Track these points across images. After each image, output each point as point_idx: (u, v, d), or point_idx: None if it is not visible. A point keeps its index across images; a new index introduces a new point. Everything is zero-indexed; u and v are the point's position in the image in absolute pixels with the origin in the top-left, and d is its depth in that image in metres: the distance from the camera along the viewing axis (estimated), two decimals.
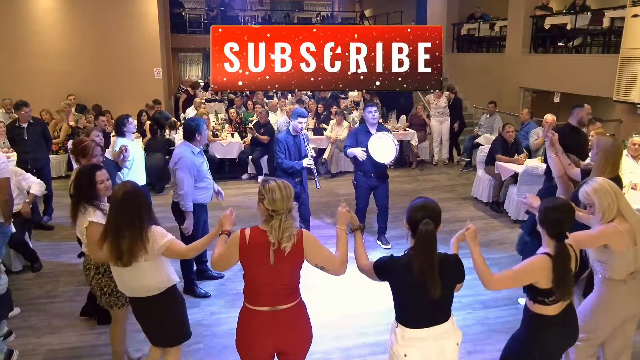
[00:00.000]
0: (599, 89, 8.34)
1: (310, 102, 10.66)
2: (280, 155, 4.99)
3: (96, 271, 3.10)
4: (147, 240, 2.63)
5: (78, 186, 3.05)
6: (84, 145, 3.79)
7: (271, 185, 2.33)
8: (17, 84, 9.98)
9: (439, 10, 13.73)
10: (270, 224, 2.30)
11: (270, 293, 2.35)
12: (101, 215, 2.95)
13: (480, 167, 7.34)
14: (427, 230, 2.20)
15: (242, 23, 18.26)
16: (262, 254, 2.30)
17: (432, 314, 2.30)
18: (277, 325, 2.36)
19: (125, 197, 2.64)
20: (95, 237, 2.81)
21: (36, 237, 5.59)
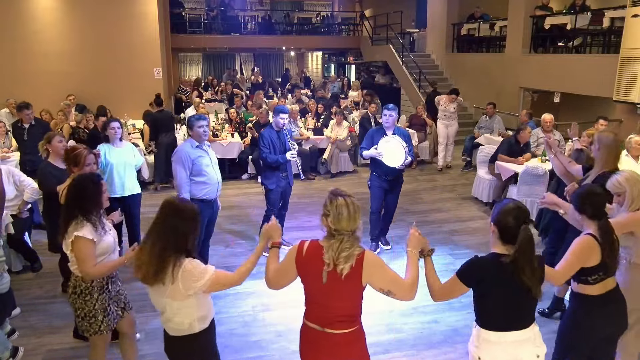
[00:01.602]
0: (599, 89, 8.34)
1: (310, 102, 10.67)
2: (265, 150, 5.09)
3: (73, 290, 2.80)
4: (170, 273, 2.23)
5: (77, 197, 2.74)
6: (76, 153, 3.62)
7: (339, 202, 2.14)
8: (17, 83, 9.98)
9: (439, 10, 13.73)
10: (329, 243, 2.13)
11: (320, 312, 2.20)
12: (90, 230, 2.69)
13: (480, 167, 7.34)
14: (528, 236, 2.16)
15: (242, 23, 18.27)
16: (315, 270, 2.14)
17: (510, 317, 2.25)
18: (325, 347, 2.20)
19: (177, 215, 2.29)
20: (84, 252, 2.64)
21: (36, 237, 5.58)
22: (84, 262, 2.67)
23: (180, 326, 2.33)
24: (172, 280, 2.22)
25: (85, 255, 2.67)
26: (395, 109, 5.23)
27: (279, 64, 25.75)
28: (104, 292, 2.83)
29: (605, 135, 3.54)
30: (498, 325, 2.26)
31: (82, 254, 2.66)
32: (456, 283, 2.28)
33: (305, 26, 20.31)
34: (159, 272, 2.21)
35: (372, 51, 15.81)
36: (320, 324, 2.20)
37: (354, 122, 10.01)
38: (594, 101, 9.22)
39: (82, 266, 2.68)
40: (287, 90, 15.48)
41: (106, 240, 2.78)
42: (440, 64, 13.91)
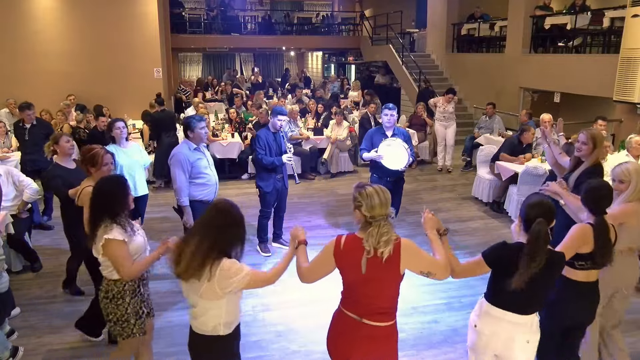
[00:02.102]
0: (599, 89, 8.34)
1: (310, 102, 10.67)
2: (260, 152, 5.04)
3: (105, 295, 2.75)
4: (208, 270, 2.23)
5: (103, 199, 2.68)
6: (93, 153, 3.42)
7: (369, 191, 2.26)
8: (17, 83, 9.98)
9: (439, 10, 13.74)
10: (367, 231, 2.22)
11: (358, 302, 2.28)
12: (120, 231, 2.65)
13: (480, 167, 7.34)
14: (540, 230, 2.28)
15: (242, 23, 18.26)
16: (354, 261, 2.23)
17: (516, 301, 2.38)
18: (361, 337, 2.27)
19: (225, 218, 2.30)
20: (119, 254, 2.61)
21: (36, 237, 5.58)
22: (122, 263, 2.62)
23: (204, 326, 2.33)
24: (209, 277, 2.21)
25: (120, 256, 2.62)
26: (395, 109, 5.15)
27: (279, 64, 25.74)
28: (136, 295, 2.78)
29: (593, 129, 3.74)
30: (503, 304, 2.42)
31: (116, 256, 2.62)
32: (480, 264, 2.44)
33: (305, 26, 20.31)
34: (198, 269, 2.21)
35: (372, 51, 15.81)
36: (359, 313, 2.27)
37: (354, 122, 10.01)
38: (594, 101, 9.21)
39: (120, 268, 2.63)
40: (287, 90, 15.48)
41: (137, 241, 2.74)
42: (440, 64, 13.91)
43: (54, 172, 4.02)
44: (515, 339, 2.40)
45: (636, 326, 3.87)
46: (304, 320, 4.02)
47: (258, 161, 5.13)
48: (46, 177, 4.08)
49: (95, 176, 3.36)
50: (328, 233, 6.01)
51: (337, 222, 6.41)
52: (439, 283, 4.59)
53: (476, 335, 2.50)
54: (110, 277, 2.72)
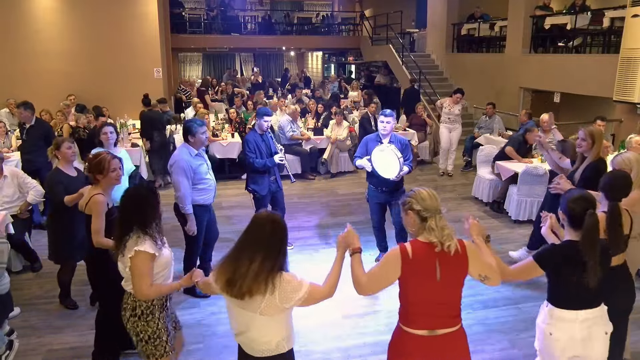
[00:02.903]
0: (599, 89, 8.35)
1: (310, 102, 10.67)
2: (251, 155, 4.97)
3: (132, 312, 2.59)
4: (272, 286, 2.14)
5: (135, 209, 2.55)
6: (99, 159, 3.22)
7: (415, 190, 2.27)
8: (17, 83, 9.98)
9: (439, 10, 13.74)
10: (426, 228, 2.19)
11: (431, 314, 2.21)
12: (151, 244, 2.52)
13: (480, 167, 7.34)
14: (594, 222, 2.33)
15: (242, 23, 18.26)
16: (428, 269, 2.16)
17: (584, 297, 2.42)
18: (434, 353, 2.21)
19: (274, 228, 2.20)
20: (142, 269, 2.49)
21: (36, 237, 5.58)
22: (141, 279, 2.49)
23: (268, 346, 2.21)
24: (272, 291, 2.12)
25: (142, 271, 2.49)
26: (392, 115, 4.73)
27: (279, 64, 25.74)
28: (164, 310, 2.66)
29: (592, 127, 3.94)
30: (572, 305, 2.44)
31: (140, 270, 2.49)
32: (533, 267, 2.46)
33: (305, 26, 20.31)
34: (260, 286, 2.11)
35: (372, 51, 15.81)
36: (430, 327, 2.20)
37: (354, 122, 10.01)
38: (594, 101, 9.22)
39: (138, 284, 2.49)
40: (287, 90, 15.48)
41: (165, 255, 2.62)
42: (440, 64, 13.91)
43: (57, 178, 3.95)
44: (592, 336, 2.43)
45: (637, 326, 3.87)
46: (304, 320, 4.01)
47: (250, 165, 5.04)
48: (49, 182, 4.00)
49: (103, 183, 3.22)
50: (328, 233, 6.02)
51: (337, 222, 6.41)
52: None
53: (553, 342, 2.48)
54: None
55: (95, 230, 3.13)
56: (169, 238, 2.83)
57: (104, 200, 3.18)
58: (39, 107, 8.97)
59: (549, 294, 2.54)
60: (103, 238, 3.14)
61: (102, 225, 3.14)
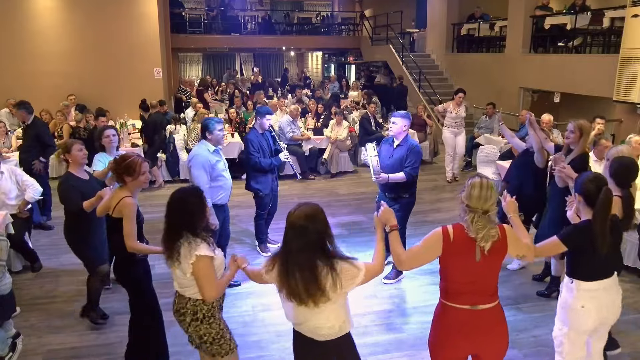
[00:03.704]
0: (599, 89, 8.34)
1: (310, 102, 10.67)
2: (257, 155, 4.94)
3: (193, 317, 2.56)
4: (333, 282, 2.19)
5: (184, 214, 2.49)
6: (129, 162, 3.10)
7: (475, 181, 2.32)
8: (18, 83, 9.98)
9: (439, 10, 13.74)
10: (464, 219, 2.32)
11: (472, 292, 2.33)
12: (207, 247, 2.49)
13: (480, 167, 7.34)
14: (607, 196, 2.56)
15: (242, 23, 18.26)
16: (468, 251, 2.28)
17: (603, 268, 2.68)
18: (476, 326, 2.33)
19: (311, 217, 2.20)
20: (208, 272, 2.46)
21: (36, 237, 5.58)
22: (207, 283, 2.46)
23: (332, 330, 2.28)
24: (334, 288, 2.18)
25: (209, 275, 2.47)
26: (399, 116, 4.51)
27: (279, 64, 25.74)
28: (221, 309, 2.70)
29: (582, 120, 4.07)
30: (596, 276, 2.67)
31: (205, 274, 2.46)
32: (557, 244, 2.66)
33: (305, 26, 20.30)
34: (323, 292, 2.18)
35: (372, 51, 15.81)
36: (471, 302, 2.32)
37: (354, 122, 10.01)
38: (594, 101, 9.21)
39: (205, 288, 2.47)
40: (287, 90, 15.48)
41: (219, 256, 2.60)
42: (440, 64, 13.91)
43: (71, 183, 3.77)
44: (613, 301, 2.71)
45: (637, 326, 3.87)
46: None
47: (255, 165, 4.98)
48: (63, 189, 3.76)
49: (131, 186, 3.11)
50: None
51: (337, 222, 6.41)
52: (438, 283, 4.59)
53: (585, 314, 2.67)
54: (197, 297, 2.55)
55: (129, 234, 3.00)
56: None
57: (135, 202, 3.08)
58: (39, 107, 8.98)
59: (573, 270, 2.72)
60: (137, 242, 3.05)
61: (135, 229, 3.04)
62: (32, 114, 6.14)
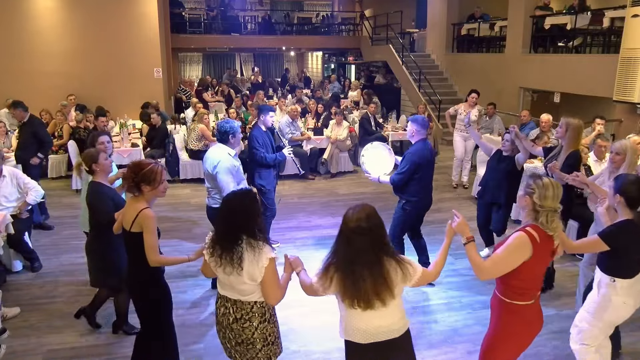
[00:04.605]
0: (599, 89, 8.35)
1: (310, 102, 10.67)
2: (261, 150, 4.96)
3: (261, 319, 2.48)
4: (405, 268, 2.25)
5: (243, 218, 2.40)
6: (149, 169, 2.85)
7: (545, 182, 2.41)
8: (18, 84, 9.97)
9: (439, 10, 13.74)
10: (539, 221, 2.40)
11: (537, 287, 2.52)
12: (270, 249, 2.43)
13: (480, 167, 7.33)
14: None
15: (242, 23, 18.25)
16: (548, 248, 2.44)
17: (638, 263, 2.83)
18: (539, 315, 2.57)
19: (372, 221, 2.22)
20: (276, 274, 2.41)
21: (36, 237, 5.58)
22: (278, 285, 2.43)
23: (399, 325, 2.32)
24: (404, 275, 2.24)
25: (277, 277, 2.42)
26: (409, 120, 4.45)
27: (279, 64, 25.74)
28: None
29: (571, 119, 4.23)
30: (633, 272, 2.82)
31: (274, 277, 2.41)
32: (598, 243, 2.78)
33: (305, 26, 20.30)
34: (387, 281, 2.21)
35: (372, 51, 15.82)
36: (534, 296, 2.52)
37: (354, 122, 10.01)
38: (594, 101, 9.22)
39: (276, 290, 2.43)
40: (287, 90, 15.47)
41: (277, 257, 2.52)
42: (440, 64, 13.92)
43: (105, 193, 3.52)
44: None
45: (637, 326, 3.87)
46: (304, 320, 4.02)
47: (260, 160, 5.00)
48: (96, 198, 3.51)
49: (148, 195, 2.88)
50: (328, 233, 6.01)
51: (337, 222, 6.37)
52: (438, 283, 4.60)
53: (627, 309, 2.85)
54: (262, 299, 2.49)
55: (152, 247, 2.80)
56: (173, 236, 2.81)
57: (154, 214, 2.86)
58: (39, 107, 9.00)
59: (613, 269, 2.83)
60: (160, 255, 2.89)
61: (157, 242, 2.86)
62: (27, 112, 6.24)
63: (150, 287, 2.94)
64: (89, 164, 3.56)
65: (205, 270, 2.61)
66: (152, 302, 2.97)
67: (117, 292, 3.70)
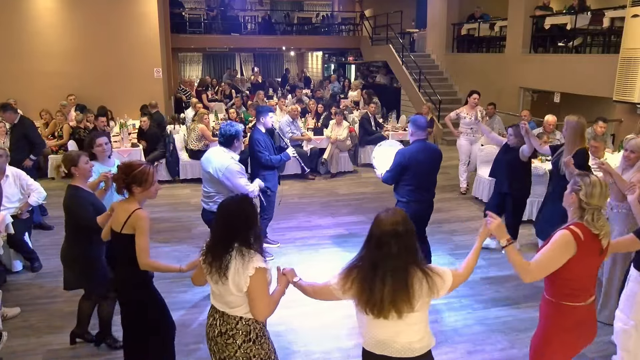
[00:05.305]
0: (599, 89, 8.35)
1: (310, 102, 10.67)
2: (265, 153, 4.90)
3: (245, 338, 2.31)
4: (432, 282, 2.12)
5: (239, 224, 2.28)
6: (140, 170, 2.80)
7: (592, 179, 2.40)
8: (18, 84, 9.98)
9: (439, 10, 13.74)
10: (584, 219, 2.38)
11: (588, 287, 2.47)
12: (261, 258, 2.29)
13: (480, 167, 7.33)
14: None
15: (242, 23, 18.25)
16: (594, 247, 2.40)
17: None
18: (591, 319, 2.50)
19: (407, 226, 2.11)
20: (264, 286, 2.26)
21: (36, 237, 5.58)
22: (263, 299, 2.27)
23: (423, 343, 2.19)
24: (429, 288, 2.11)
25: (264, 290, 2.26)
26: (410, 120, 4.46)
27: (279, 64, 25.74)
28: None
29: (572, 118, 4.30)
30: None
31: (261, 289, 2.25)
32: (634, 241, 2.75)
33: (305, 26, 20.30)
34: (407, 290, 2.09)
35: (372, 51, 15.82)
36: (585, 298, 2.46)
37: (353, 122, 10.01)
38: (594, 101, 9.22)
39: (263, 304, 2.27)
40: (287, 90, 15.47)
41: (269, 267, 2.37)
42: (440, 64, 13.92)
43: (84, 198, 3.38)
44: None
45: None
46: (304, 320, 4.02)
47: (266, 162, 4.90)
48: (74, 203, 3.37)
49: (139, 197, 2.83)
50: (328, 233, 6.01)
51: (337, 222, 6.41)
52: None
53: None
54: (249, 316, 2.32)
55: (144, 249, 2.73)
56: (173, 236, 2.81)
57: (148, 215, 2.80)
58: (39, 107, 9.01)
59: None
60: (152, 259, 2.80)
61: (148, 244, 2.77)
62: (17, 113, 6.21)
63: (139, 290, 2.89)
64: (68, 166, 3.41)
65: (195, 279, 2.54)
66: (139, 304, 2.92)
67: (103, 299, 3.56)
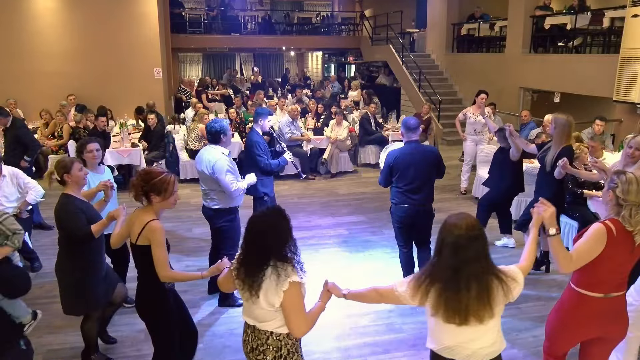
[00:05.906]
0: (599, 89, 8.35)
1: (310, 102, 10.67)
2: (265, 157, 4.79)
3: (276, 354, 2.25)
4: (507, 287, 2.10)
5: (276, 238, 2.19)
6: (161, 179, 2.68)
7: (628, 176, 2.45)
8: (18, 84, 9.99)
9: (439, 10, 13.75)
10: (620, 215, 2.43)
11: (611, 280, 2.52)
12: (297, 273, 2.20)
13: (480, 167, 7.33)
14: None
15: (242, 23, 18.26)
16: (625, 243, 2.45)
17: None
18: (606, 312, 2.54)
19: (477, 231, 2.06)
20: (300, 301, 2.19)
21: (36, 237, 5.58)
22: (300, 315, 2.19)
23: (494, 348, 2.19)
24: (505, 294, 2.12)
25: (300, 305, 2.19)
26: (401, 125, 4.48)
27: (279, 64, 25.74)
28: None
29: (560, 116, 4.35)
30: None
31: (297, 304, 2.18)
32: None
33: (305, 26, 20.30)
34: (489, 296, 2.07)
35: (372, 51, 15.82)
36: (606, 291, 2.52)
37: (353, 122, 10.01)
38: (594, 101, 9.22)
39: (300, 320, 2.20)
40: (287, 90, 15.47)
41: (305, 283, 2.27)
42: (440, 64, 13.92)
43: (76, 207, 3.19)
44: None
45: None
46: None
47: (265, 167, 4.79)
48: (66, 215, 3.17)
49: (157, 207, 2.72)
50: (328, 233, 6.02)
51: (337, 222, 6.41)
52: None
53: None
54: (280, 331, 2.26)
55: (162, 262, 2.64)
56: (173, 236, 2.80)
57: (162, 226, 2.70)
58: (39, 107, 9.01)
59: None
60: (171, 270, 2.72)
61: (167, 256, 2.69)
62: (8, 116, 6.14)
63: (151, 307, 2.81)
64: (60, 173, 3.19)
65: (222, 284, 2.49)
66: (152, 324, 2.86)
67: (86, 318, 3.40)
